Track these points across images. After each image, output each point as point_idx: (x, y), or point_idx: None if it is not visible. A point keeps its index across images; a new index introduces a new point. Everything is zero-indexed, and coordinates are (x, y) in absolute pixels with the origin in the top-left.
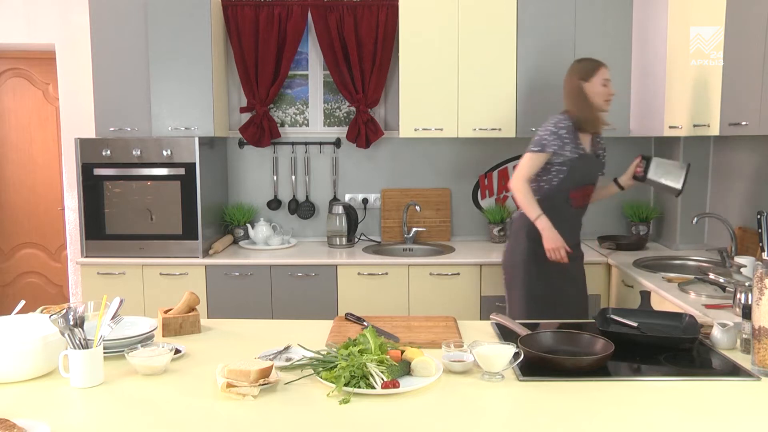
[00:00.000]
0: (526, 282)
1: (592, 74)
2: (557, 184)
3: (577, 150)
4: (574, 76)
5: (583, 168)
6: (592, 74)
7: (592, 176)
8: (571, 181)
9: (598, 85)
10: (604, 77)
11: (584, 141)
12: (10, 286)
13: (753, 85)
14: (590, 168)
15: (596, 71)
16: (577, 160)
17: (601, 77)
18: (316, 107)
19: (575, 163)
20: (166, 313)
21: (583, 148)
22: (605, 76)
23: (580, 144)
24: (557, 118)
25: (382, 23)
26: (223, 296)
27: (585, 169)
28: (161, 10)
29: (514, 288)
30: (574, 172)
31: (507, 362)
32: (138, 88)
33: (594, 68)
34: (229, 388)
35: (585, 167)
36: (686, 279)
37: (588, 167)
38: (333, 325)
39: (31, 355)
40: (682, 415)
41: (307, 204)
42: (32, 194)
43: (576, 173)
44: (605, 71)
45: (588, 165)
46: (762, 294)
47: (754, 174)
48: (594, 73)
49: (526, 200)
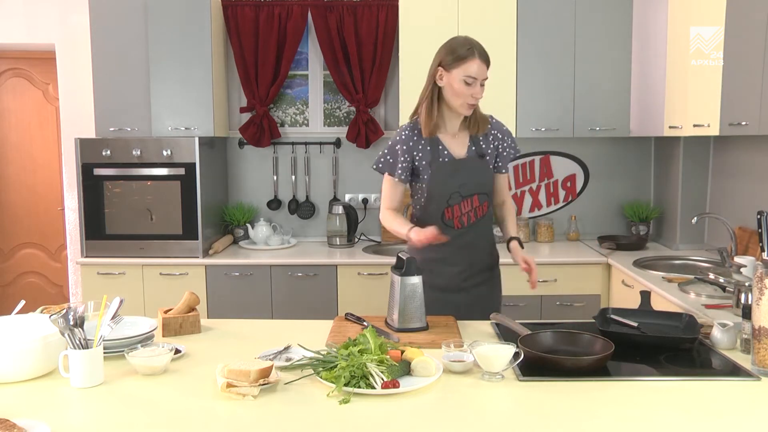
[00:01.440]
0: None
1: (456, 63)
2: (425, 205)
3: (435, 157)
4: (437, 56)
5: (447, 177)
6: (456, 62)
7: (470, 185)
8: (439, 196)
9: (457, 79)
10: (470, 73)
11: (451, 142)
12: (10, 286)
13: (753, 85)
14: (462, 175)
15: (463, 61)
16: (438, 171)
17: (466, 71)
18: (316, 107)
19: (437, 174)
20: (166, 313)
21: (446, 153)
22: (472, 72)
23: (442, 149)
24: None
25: (382, 23)
26: (223, 296)
27: (451, 178)
28: (161, 10)
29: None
30: (436, 184)
31: (507, 362)
32: (138, 88)
33: (462, 56)
34: (229, 388)
35: (450, 176)
36: (686, 279)
37: (457, 175)
38: (333, 325)
39: (31, 355)
40: (682, 415)
41: (307, 204)
42: (32, 194)
43: (439, 184)
44: (476, 66)
45: (457, 172)
46: (762, 294)
47: (754, 174)
48: (459, 62)
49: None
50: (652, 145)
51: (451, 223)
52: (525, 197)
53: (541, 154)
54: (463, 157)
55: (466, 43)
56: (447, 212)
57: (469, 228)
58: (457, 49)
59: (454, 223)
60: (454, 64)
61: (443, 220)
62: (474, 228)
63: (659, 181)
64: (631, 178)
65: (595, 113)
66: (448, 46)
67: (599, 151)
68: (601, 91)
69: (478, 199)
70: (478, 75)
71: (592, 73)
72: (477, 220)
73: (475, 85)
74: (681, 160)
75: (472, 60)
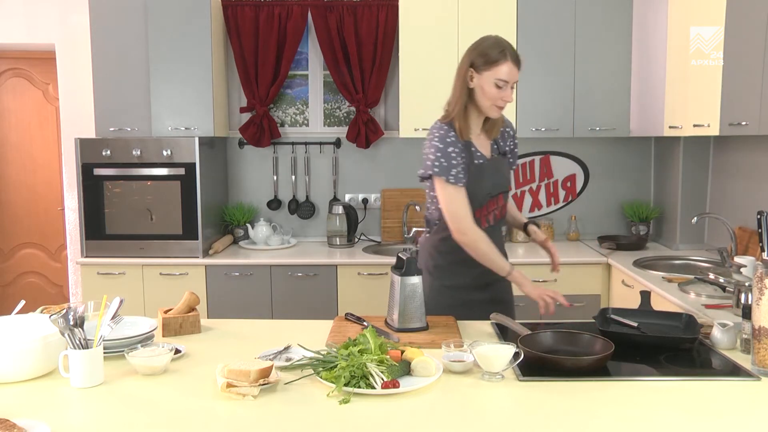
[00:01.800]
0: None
1: (488, 65)
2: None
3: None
4: (467, 57)
5: (484, 179)
6: (488, 65)
7: (499, 185)
8: (475, 197)
9: (488, 82)
10: (502, 76)
11: (478, 142)
12: (10, 286)
13: (753, 85)
14: (495, 175)
15: (495, 63)
16: (476, 172)
17: (498, 74)
18: (316, 107)
19: (475, 176)
20: (166, 313)
21: (479, 154)
22: (503, 75)
23: (475, 150)
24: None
25: (382, 23)
26: (223, 296)
27: (488, 179)
28: (161, 10)
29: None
30: (475, 186)
31: (507, 362)
32: (138, 88)
33: (494, 59)
34: (229, 388)
35: (487, 177)
36: (686, 279)
37: (492, 176)
38: (333, 325)
39: (31, 355)
40: (682, 415)
41: (307, 204)
42: (32, 194)
43: (478, 187)
44: (508, 68)
45: (491, 173)
46: (762, 294)
47: (754, 174)
48: (491, 64)
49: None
50: (652, 145)
51: (479, 222)
52: (525, 197)
53: (541, 154)
54: (490, 157)
55: (499, 44)
56: (476, 212)
57: (493, 226)
58: (489, 51)
59: (481, 221)
60: (485, 66)
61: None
62: (496, 226)
63: (659, 181)
64: (631, 178)
65: (595, 113)
66: (479, 47)
67: (599, 151)
68: (601, 91)
69: (502, 197)
70: (509, 78)
71: (592, 73)
72: (500, 219)
73: (506, 88)
74: (681, 160)
75: (504, 63)
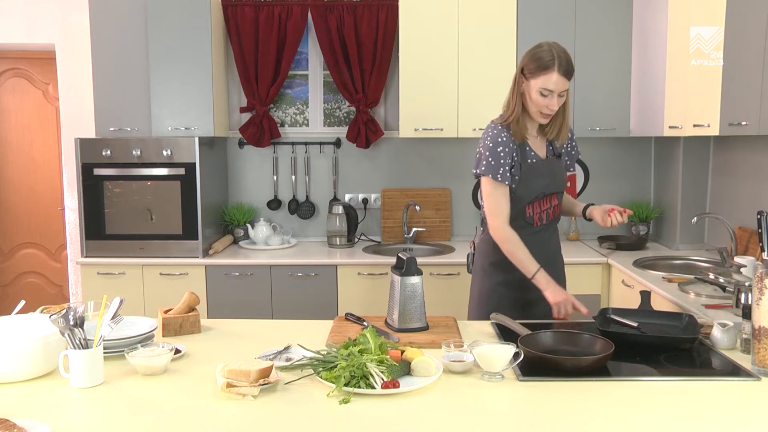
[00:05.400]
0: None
1: (536, 73)
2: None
3: (524, 159)
4: (521, 61)
5: (537, 178)
6: (535, 72)
7: (553, 185)
8: (526, 196)
9: (534, 89)
10: (547, 86)
11: (534, 142)
12: (10, 286)
13: (753, 85)
14: (548, 175)
15: (542, 72)
16: (529, 171)
17: (543, 84)
18: (316, 107)
19: (527, 175)
20: (166, 313)
21: (533, 154)
22: (550, 85)
23: (529, 150)
24: (490, 127)
25: (382, 23)
26: (223, 296)
27: (540, 178)
28: (161, 11)
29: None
30: (526, 184)
31: (507, 362)
32: (138, 88)
33: (542, 67)
34: (229, 388)
35: (540, 176)
36: (686, 279)
37: (544, 175)
38: (333, 325)
39: (31, 355)
40: (682, 415)
41: (307, 204)
42: (32, 194)
43: (528, 185)
44: (554, 79)
45: (544, 172)
46: (762, 294)
47: (754, 174)
48: (538, 72)
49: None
50: (652, 145)
51: (531, 221)
52: None
53: None
54: (545, 157)
55: (550, 53)
56: (528, 209)
57: (546, 225)
58: (539, 58)
59: (534, 220)
60: (533, 73)
61: (524, 217)
62: (550, 226)
63: (659, 181)
64: (631, 178)
65: (595, 113)
66: (532, 53)
67: (599, 151)
68: (601, 91)
69: (556, 197)
70: (555, 88)
71: (592, 73)
72: (554, 219)
73: (552, 97)
74: (681, 160)
75: (551, 72)
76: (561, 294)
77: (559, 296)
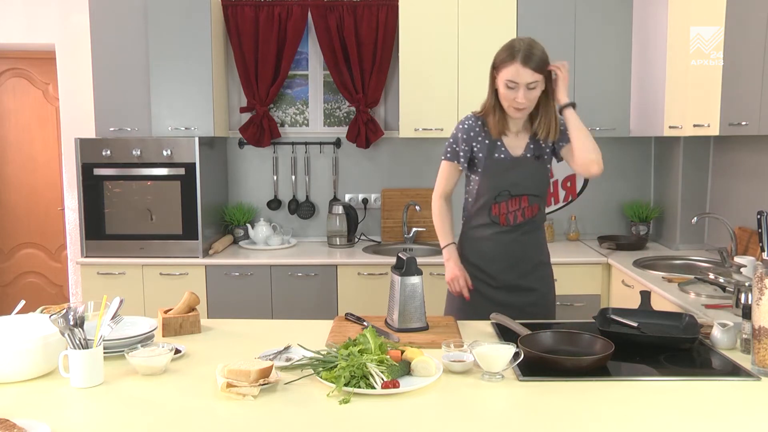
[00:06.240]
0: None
1: (500, 66)
2: (475, 198)
3: (491, 153)
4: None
5: (501, 175)
6: (500, 65)
7: (521, 186)
8: (488, 192)
9: (501, 82)
10: (509, 77)
11: (511, 139)
12: (10, 286)
13: (753, 85)
14: (516, 175)
15: (506, 64)
16: (491, 167)
17: (507, 76)
18: (316, 107)
19: (489, 170)
20: (166, 313)
21: (503, 150)
22: (514, 76)
23: (500, 146)
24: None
25: (382, 23)
26: (223, 296)
27: (504, 176)
28: (161, 10)
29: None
30: (488, 180)
31: (507, 362)
32: (138, 88)
33: (503, 59)
34: (229, 388)
35: (504, 174)
36: (686, 279)
37: (511, 174)
38: (333, 325)
39: (31, 355)
40: (682, 415)
41: (307, 204)
42: (32, 194)
43: (490, 181)
44: (515, 69)
45: (511, 171)
46: (762, 294)
47: (754, 174)
48: (503, 65)
49: (438, 224)
50: (652, 145)
51: (497, 220)
52: None
53: None
54: (519, 156)
55: (514, 45)
56: (494, 208)
57: (516, 227)
58: (503, 50)
59: (500, 220)
60: (498, 67)
61: (490, 215)
62: (521, 228)
63: (659, 181)
64: (631, 178)
65: (595, 113)
66: (502, 47)
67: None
68: (601, 91)
69: (527, 199)
70: (520, 80)
71: (592, 73)
72: (525, 221)
73: (518, 89)
74: (681, 160)
75: (513, 63)
76: (453, 271)
77: (450, 273)
